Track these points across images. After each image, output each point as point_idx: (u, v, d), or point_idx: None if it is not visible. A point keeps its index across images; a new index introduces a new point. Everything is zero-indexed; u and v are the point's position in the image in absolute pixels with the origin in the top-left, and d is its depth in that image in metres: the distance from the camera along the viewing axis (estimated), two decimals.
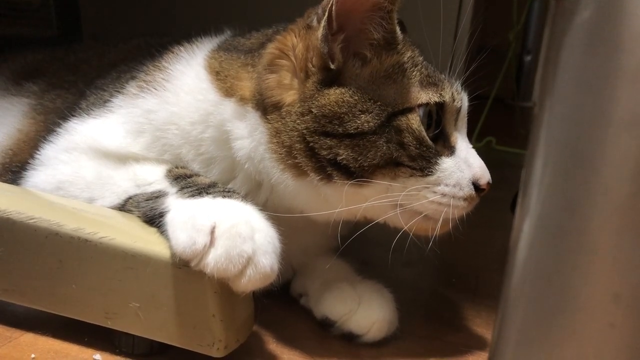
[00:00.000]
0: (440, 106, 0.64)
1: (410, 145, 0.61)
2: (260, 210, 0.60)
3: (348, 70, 0.63)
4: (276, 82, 0.64)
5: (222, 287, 0.56)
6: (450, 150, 0.65)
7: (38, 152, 0.73)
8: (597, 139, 0.41)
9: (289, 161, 0.62)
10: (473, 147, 0.67)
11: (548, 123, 0.44)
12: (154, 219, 0.62)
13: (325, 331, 0.69)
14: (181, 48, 0.74)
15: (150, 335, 0.60)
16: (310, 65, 0.63)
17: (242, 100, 0.65)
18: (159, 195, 0.63)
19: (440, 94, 0.63)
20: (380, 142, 0.60)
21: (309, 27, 0.63)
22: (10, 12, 1.49)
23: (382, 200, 0.62)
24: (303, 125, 0.61)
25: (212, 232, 0.54)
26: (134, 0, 1.72)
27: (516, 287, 0.48)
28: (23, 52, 1.05)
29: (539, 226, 0.45)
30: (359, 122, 0.60)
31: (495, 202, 1.27)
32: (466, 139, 0.67)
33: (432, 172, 0.62)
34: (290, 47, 0.64)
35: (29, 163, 0.73)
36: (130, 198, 0.65)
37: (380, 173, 0.61)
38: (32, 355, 0.60)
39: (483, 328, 0.75)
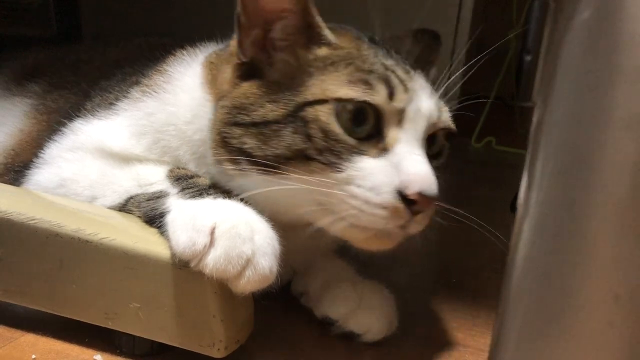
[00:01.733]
0: (376, 106, 0.59)
1: (316, 137, 0.58)
2: None
3: (264, 64, 0.63)
4: (227, 75, 0.65)
5: (223, 288, 0.56)
6: (382, 151, 0.59)
7: (42, 151, 0.73)
8: (596, 139, 0.41)
9: (215, 153, 0.63)
10: (474, 147, 0.66)
11: (547, 124, 0.44)
12: (155, 219, 0.62)
13: (326, 331, 0.70)
14: (183, 51, 0.75)
15: (150, 336, 0.60)
16: (235, 59, 0.64)
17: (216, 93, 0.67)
18: (160, 196, 0.64)
19: (368, 92, 0.58)
20: (285, 132, 0.58)
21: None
22: (10, 12, 1.49)
23: (304, 197, 0.59)
24: (220, 117, 0.62)
25: (212, 232, 0.54)
26: (133, 1, 1.72)
27: (516, 287, 0.49)
28: (24, 53, 1.05)
29: (539, 226, 0.45)
30: (263, 111, 0.60)
31: (495, 202, 1.28)
32: (416, 144, 0.60)
33: (341, 169, 0.58)
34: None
35: (32, 162, 0.73)
36: (131, 198, 0.65)
37: (292, 165, 0.59)
38: (33, 356, 0.60)
39: (483, 328, 0.75)
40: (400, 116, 0.60)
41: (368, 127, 0.59)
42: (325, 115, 0.58)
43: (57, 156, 0.72)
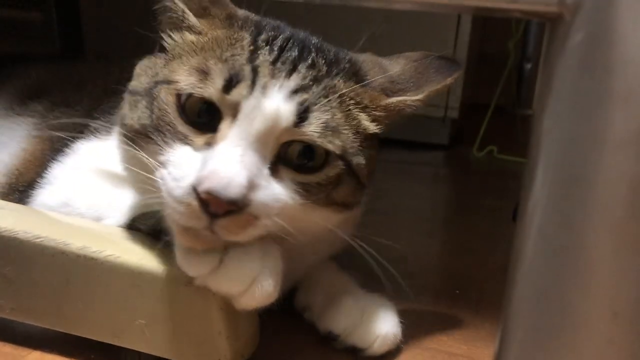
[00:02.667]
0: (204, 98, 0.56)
1: (154, 114, 0.58)
2: None
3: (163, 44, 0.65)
4: None
5: (228, 304, 0.57)
6: (207, 145, 0.56)
7: (45, 171, 0.74)
8: (592, 157, 0.41)
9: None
10: (476, 157, 0.65)
11: (544, 142, 0.45)
12: (160, 234, 0.62)
13: (330, 345, 0.70)
14: None
15: (156, 352, 0.61)
16: None
17: None
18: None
19: (198, 83, 0.56)
20: (141, 105, 0.60)
21: None
22: (14, 29, 1.51)
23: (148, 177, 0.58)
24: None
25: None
26: (136, 18, 1.74)
27: (516, 303, 0.49)
28: (27, 71, 1.06)
29: (538, 243, 0.46)
30: (137, 82, 0.63)
31: (497, 211, 1.28)
32: (245, 144, 0.54)
33: (163, 152, 0.56)
34: None
35: (36, 182, 0.74)
36: (137, 217, 0.66)
37: (140, 140, 0.59)
38: None
39: (486, 340, 0.75)
40: (235, 111, 0.55)
41: (209, 119, 0.57)
42: (164, 94, 0.58)
43: (61, 176, 0.72)
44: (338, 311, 0.70)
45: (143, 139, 0.59)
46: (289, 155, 0.58)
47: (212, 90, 0.56)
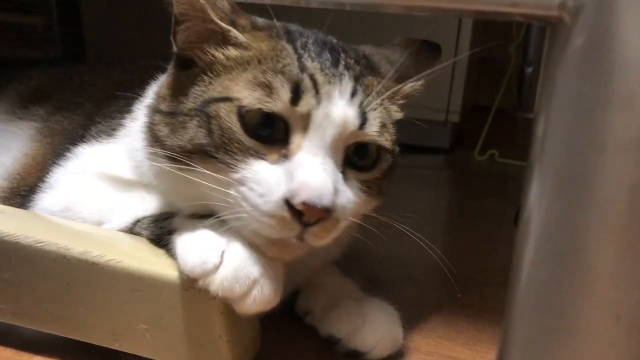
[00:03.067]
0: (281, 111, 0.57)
1: (214, 134, 0.57)
2: None
3: (192, 57, 0.64)
4: None
5: (229, 309, 0.57)
6: (283, 157, 0.57)
7: (47, 176, 0.74)
8: (593, 161, 0.41)
9: (144, 136, 0.65)
10: (477, 160, 0.65)
11: (545, 145, 0.45)
12: (162, 237, 0.62)
13: (331, 349, 0.70)
14: (162, 74, 0.76)
15: (157, 357, 0.61)
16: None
17: None
18: (167, 217, 0.64)
19: (266, 98, 0.56)
20: (190, 125, 0.59)
21: None
22: (15, 34, 1.51)
23: (208, 192, 0.58)
24: (151, 103, 0.65)
25: (223, 252, 0.55)
26: (137, 22, 1.74)
27: (518, 306, 0.49)
28: (28, 75, 1.06)
29: (539, 247, 0.46)
30: (176, 102, 0.61)
31: (498, 215, 1.28)
32: (321, 152, 0.57)
33: (235, 169, 0.56)
34: None
35: (38, 186, 0.74)
36: (138, 221, 0.66)
37: (196, 159, 0.58)
38: None
39: (488, 344, 0.75)
40: (306, 121, 0.57)
41: (273, 131, 0.57)
42: (225, 112, 0.57)
43: (63, 180, 0.72)
44: (340, 315, 0.70)
45: (198, 158, 0.58)
46: (349, 156, 0.60)
47: (279, 103, 0.56)
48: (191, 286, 0.57)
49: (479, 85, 2.00)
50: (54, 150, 0.80)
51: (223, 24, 0.61)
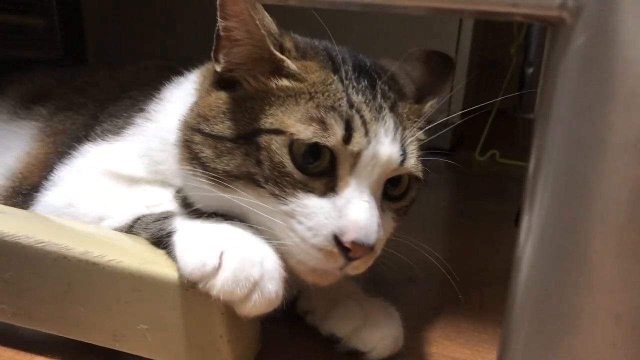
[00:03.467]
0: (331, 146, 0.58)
1: (265, 165, 0.58)
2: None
3: (237, 78, 0.63)
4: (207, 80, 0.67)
5: (229, 309, 0.57)
6: (330, 192, 0.58)
7: (50, 174, 0.74)
8: (593, 162, 0.41)
9: (178, 152, 0.64)
10: (478, 161, 0.66)
11: (546, 146, 0.45)
12: (162, 240, 0.62)
13: (332, 349, 0.70)
14: (180, 76, 0.77)
15: (158, 357, 0.60)
16: (211, 66, 0.66)
17: None
18: (167, 216, 0.64)
19: (321, 133, 0.57)
20: (238, 152, 0.59)
21: None
22: (16, 35, 1.51)
23: (250, 215, 0.60)
24: (187, 119, 0.64)
25: (222, 254, 0.55)
26: (138, 23, 1.74)
27: (519, 307, 0.49)
28: (30, 76, 1.07)
29: (540, 247, 0.46)
30: (222, 126, 0.61)
31: (499, 215, 1.28)
32: (367, 190, 0.59)
33: (286, 202, 0.58)
34: None
35: (40, 185, 0.74)
36: (139, 219, 0.66)
37: (241, 184, 0.59)
38: None
39: (489, 344, 0.75)
40: (355, 159, 0.59)
41: (321, 165, 0.59)
42: (277, 145, 0.58)
43: (67, 178, 0.73)
44: (341, 314, 0.70)
45: (244, 184, 0.59)
46: (385, 188, 0.62)
47: (333, 140, 0.58)
48: (192, 286, 0.56)
49: (479, 86, 2.00)
50: (57, 149, 0.81)
51: (279, 54, 0.61)
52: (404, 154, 0.61)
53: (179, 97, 0.72)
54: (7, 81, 1.06)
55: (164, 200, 0.67)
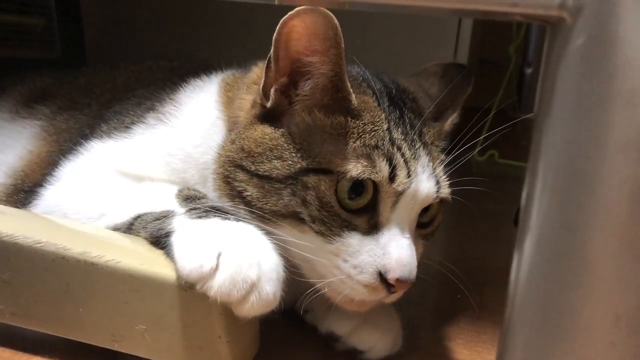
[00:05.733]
0: (375, 182, 0.59)
1: (312, 205, 0.58)
2: None
3: (285, 115, 0.62)
4: (245, 104, 0.66)
5: (228, 309, 0.56)
6: (373, 229, 0.60)
7: (53, 170, 0.74)
8: (593, 161, 0.41)
9: (216, 183, 0.64)
10: (477, 161, 0.67)
11: (546, 146, 0.45)
12: (160, 239, 0.62)
13: (330, 348, 0.70)
14: (198, 80, 0.76)
15: (157, 358, 0.60)
16: (257, 98, 0.64)
17: (230, 117, 0.67)
18: (166, 215, 0.64)
19: (370, 170, 0.58)
20: (285, 192, 0.59)
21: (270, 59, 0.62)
22: (15, 35, 1.51)
23: (291, 249, 0.60)
24: (228, 153, 0.63)
25: (219, 255, 0.54)
26: (137, 24, 1.74)
27: (518, 307, 0.49)
28: (32, 76, 1.07)
29: (540, 247, 0.46)
30: (269, 166, 0.60)
31: (498, 216, 1.28)
32: (407, 225, 0.61)
33: (332, 241, 0.59)
34: (262, 75, 0.64)
35: (43, 181, 0.74)
36: (139, 217, 0.66)
37: (286, 222, 0.60)
38: None
39: (488, 344, 0.75)
40: (397, 197, 0.60)
41: (363, 201, 0.59)
42: (326, 186, 0.58)
43: (70, 173, 0.73)
44: (341, 313, 0.70)
45: (289, 223, 0.60)
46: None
47: (380, 175, 0.59)
48: (190, 287, 0.56)
49: (478, 86, 2.00)
50: (60, 147, 0.81)
51: (349, 87, 0.61)
52: (438, 185, 0.63)
53: (198, 107, 0.71)
54: (8, 81, 1.06)
55: (165, 199, 0.67)
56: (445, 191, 0.64)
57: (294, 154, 0.60)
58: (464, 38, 1.68)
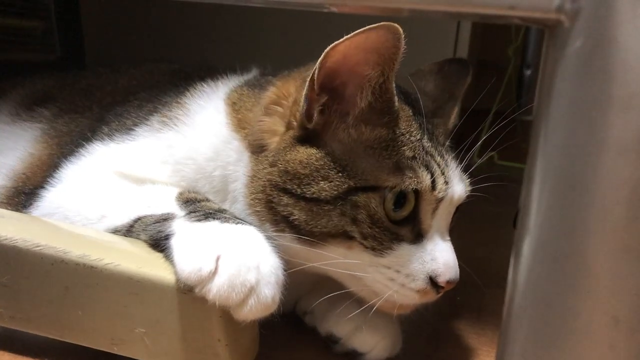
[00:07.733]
0: (416, 191, 0.61)
1: (363, 223, 0.59)
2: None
3: (327, 133, 0.62)
4: (268, 126, 0.65)
5: (227, 312, 0.56)
6: (418, 238, 0.62)
7: (55, 172, 0.75)
8: (592, 164, 0.41)
9: (254, 208, 0.63)
10: (479, 162, 0.68)
11: (544, 149, 0.45)
12: (160, 242, 0.62)
13: (329, 350, 0.70)
14: (204, 85, 0.76)
15: None
16: (292, 119, 0.63)
17: (246, 136, 0.67)
18: (167, 218, 0.64)
19: (415, 181, 0.60)
20: (334, 213, 0.59)
21: (304, 80, 0.61)
22: (15, 37, 1.51)
23: (339, 268, 0.62)
24: (268, 176, 0.62)
25: (218, 259, 0.54)
26: (136, 26, 1.74)
27: (517, 309, 0.49)
28: (32, 79, 1.07)
29: (538, 249, 0.46)
30: (316, 187, 0.60)
31: (498, 217, 1.28)
32: (446, 228, 0.64)
33: (383, 255, 0.61)
34: (286, 95, 0.64)
35: (44, 184, 0.74)
36: (139, 219, 0.66)
37: (334, 241, 0.60)
38: None
39: (488, 347, 0.75)
40: (437, 204, 0.62)
41: (406, 212, 0.61)
42: (375, 202, 0.59)
43: (72, 175, 0.73)
44: (341, 314, 0.70)
45: (339, 242, 0.60)
46: None
47: (423, 185, 0.61)
48: (189, 290, 0.56)
49: (477, 88, 2.00)
50: (61, 150, 0.81)
51: (396, 99, 0.62)
52: (466, 185, 0.66)
53: (208, 122, 0.71)
54: (8, 83, 1.06)
55: (165, 202, 0.67)
56: (469, 189, 0.68)
57: (340, 174, 0.60)
58: (463, 40, 1.68)
